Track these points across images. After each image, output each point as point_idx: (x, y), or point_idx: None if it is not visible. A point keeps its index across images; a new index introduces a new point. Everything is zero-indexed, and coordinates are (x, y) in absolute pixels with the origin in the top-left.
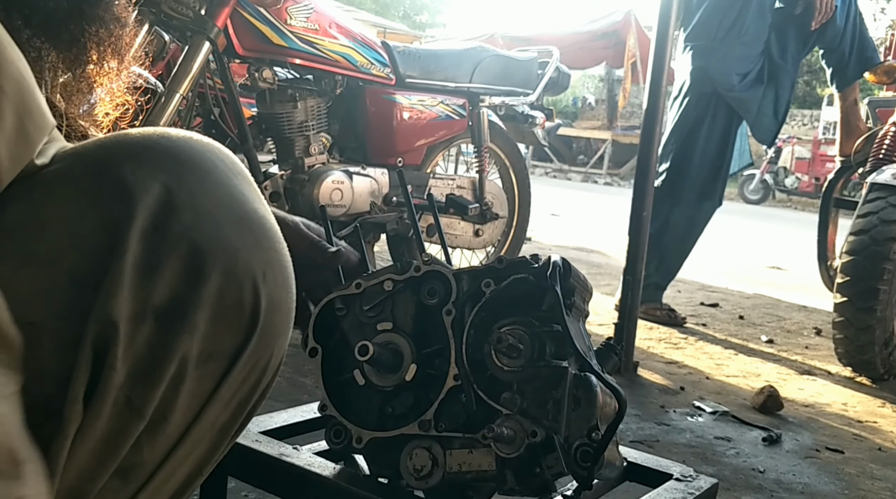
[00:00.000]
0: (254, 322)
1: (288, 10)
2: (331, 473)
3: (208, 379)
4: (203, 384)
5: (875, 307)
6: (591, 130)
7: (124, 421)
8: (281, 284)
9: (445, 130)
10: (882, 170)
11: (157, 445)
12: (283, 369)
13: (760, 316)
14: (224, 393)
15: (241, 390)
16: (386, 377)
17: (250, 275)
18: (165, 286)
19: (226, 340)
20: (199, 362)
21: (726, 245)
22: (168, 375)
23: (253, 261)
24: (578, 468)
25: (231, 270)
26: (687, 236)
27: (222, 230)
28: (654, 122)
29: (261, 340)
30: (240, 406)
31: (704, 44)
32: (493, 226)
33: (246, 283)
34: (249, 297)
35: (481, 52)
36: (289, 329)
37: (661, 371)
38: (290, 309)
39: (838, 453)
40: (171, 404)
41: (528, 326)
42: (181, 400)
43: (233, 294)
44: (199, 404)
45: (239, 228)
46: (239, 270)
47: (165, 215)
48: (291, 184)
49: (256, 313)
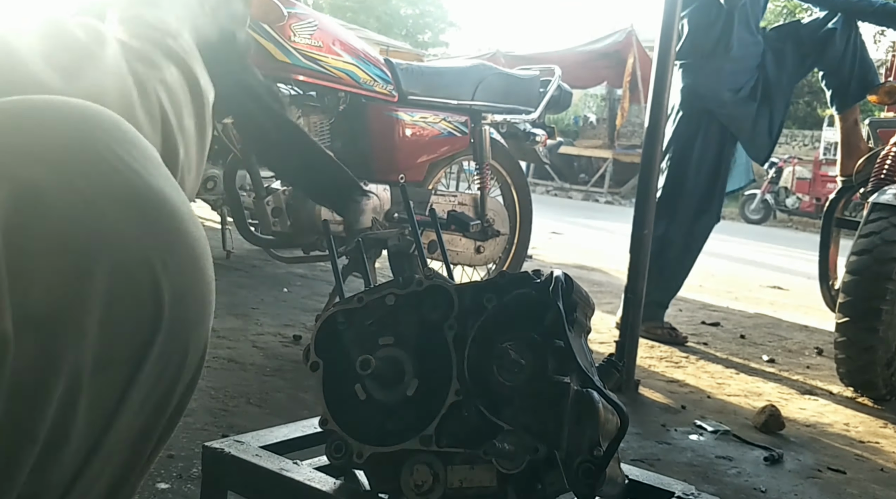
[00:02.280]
0: (157, 319)
1: (292, 27)
2: (331, 488)
3: (110, 388)
4: (105, 395)
5: (877, 327)
6: (593, 149)
7: (15, 447)
8: (188, 270)
9: (447, 146)
10: (884, 190)
11: (62, 466)
12: (283, 385)
13: (762, 335)
14: (133, 400)
15: (154, 392)
16: (387, 392)
17: (146, 265)
18: (42, 291)
19: (124, 342)
20: (96, 371)
21: (727, 265)
22: (57, 391)
23: (149, 250)
24: (580, 485)
25: (121, 264)
26: (686, 253)
27: (106, 217)
28: (656, 142)
29: (169, 337)
30: (157, 410)
31: (692, 61)
32: (494, 243)
33: (141, 275)
34: (147, 291)
35: (483, 70)
36: (205, 317)
37: (663, 390)
38: (202, 296)
39: (840, 473)
40: (69, 422)
41: (529, 341)
42: (80, 416)
43: (126, 292)
44: (105, 416)
45: (127, 210)
46: (130, 262)
47: (31, 207)
48: (293, 200)
49: (159, 308)
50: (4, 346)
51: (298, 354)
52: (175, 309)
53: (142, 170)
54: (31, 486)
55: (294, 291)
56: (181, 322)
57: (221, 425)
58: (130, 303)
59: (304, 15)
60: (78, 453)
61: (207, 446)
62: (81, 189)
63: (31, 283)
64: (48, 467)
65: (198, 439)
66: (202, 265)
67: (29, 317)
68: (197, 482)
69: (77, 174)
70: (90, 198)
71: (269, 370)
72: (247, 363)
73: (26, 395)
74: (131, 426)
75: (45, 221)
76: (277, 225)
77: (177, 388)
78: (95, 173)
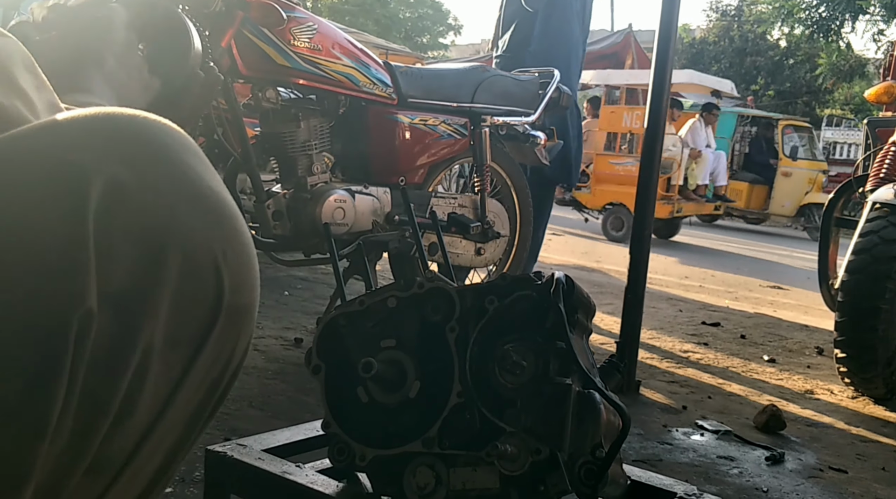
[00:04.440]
0: (218, 304)
1: (292, 30)
2: (333, 491)
3: (175, 366)
4: (170, 372)
5: (877, 326)
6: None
7: (91, 417)
8: (244, 263)
9: (447, 149)
10: (883, 189)
11: (126, 437)
12: (285, 388)
13: (762, 335)
14: (193, 379)
15: (209, 374)
16: (389, 394)
17: (211, 256)
18: (123, 273)
19: (191, 324)
20: (165, 350)
21: (727, 265)
22: (132, 365)
23: (212, 241)
24: (582, 486)
25: (190, 251)
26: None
27: (177, 211)
28: (655, 142)
29: (227, 322)
30: (210, 391)
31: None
32: (494, 245)
33: (207, 264)
34: (212, 278)
35: (483, 73)
36: (254, 307)
37: (664, 390)
38: (254, 290)
39: (842, 472)
40: (138, 395)
41: (531, 343)
42: (147, 390)
43: (194, 277)
44: (168, 393)
45: (195, 207)
46: (198, 252)
47: (117, 200)
48: (294, 203)
49: (220, 295)
50: (89, 320)
51: (300, 358)
52: (233, 296)
53: (203, 174)
54: (99, 454)
55: (295, 295)
56: (237, 308)
57: (223, 429)
58: (197, 288)
59: (303, 19)
60: (140, 426)
61: (210, 449)
62: (157, 187)
63: (115, 264)
64: (116, 436)
65: (200, 443)
66: (253, 260)
67: (111, 295)
68: (200, 486)
69: (154, 175)
70: (164, 195)
71: (270, 373)
72: (248, 367)
73: (105, 368)
74: (188, 404)
75: (127, 211)
76: (278, 228)
77: (228, 371)
78: (168, 174)
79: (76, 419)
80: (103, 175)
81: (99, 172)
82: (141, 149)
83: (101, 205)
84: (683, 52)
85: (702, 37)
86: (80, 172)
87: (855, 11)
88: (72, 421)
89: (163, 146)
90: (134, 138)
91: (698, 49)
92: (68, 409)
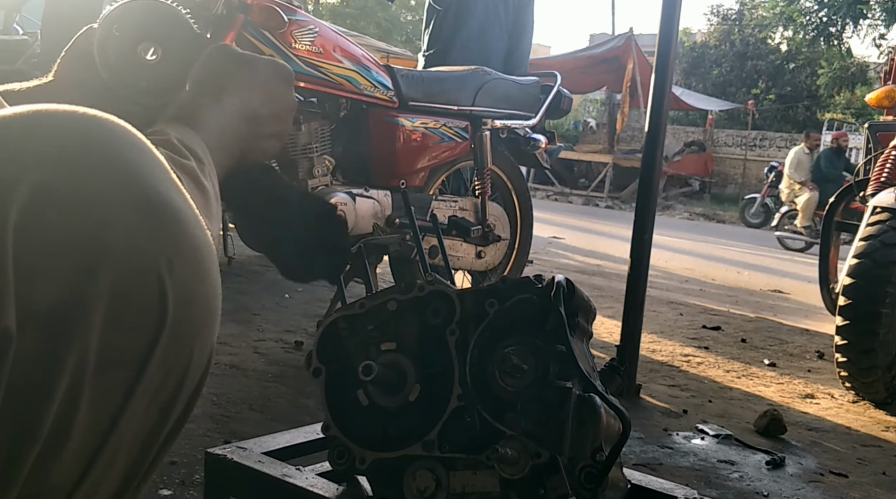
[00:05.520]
0: (161, 320)
1: (293, 33)
2: (333, 494)
3: (114, 388)
4: (109, 394)
5: (877, 330)
6: (593, 154)
7: (16, 443)
8: (193, 273)
9: (448, 152)
10: (883, 193)
11: (67, 464)
12: (285, 391)
13: (763, 339)
14: (138, 401)
15: (159, 395)
16: (389, 397)
17: (152, 266)
18: (49, 289)
19: (129, 343)
20: (99, 370)
21: (728, 268)
22: (62, 387)
23: (154, 250)
24: (583, 490)
25: (126, 263)
26: None
27: (113, 218)
28: (656, 146)
29: (174, 340)
30: (162, 413)
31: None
32: (495, 248)
33: (147, 275)
34: (153, 291)
35: (484, 76)
36: (211, 321)
37: (664, 394)
38: (209, 301)
39: (843, 477)
40: (72, 419)
41: (531, 346)
42: (83, 414)
43: (131, 291)
44: (110, 416)
45: (135, 214)
46: (136, 263)
47: (43, 209)
48: None
49: (164, 309)
50: (7, 341)
51: (300, 360)
52: (180, 312)
53: (149, 175)
54: (33, 486)
55: (296, 297)
56: (186, 325)
57: (223, 432)
58: (135, 303)
59: (304, 22)
60: (81, 453)
61: (210, 452)
62: (89, 191)
63: (37, 279)
64: (50, 466)
65: (200, 446)
66: (208, 270)
67: (33, 313)
68: (199, 489)
69: (86, 177)
70: (97, 200)
71: (270, 376)
72: (248, 369)
73: (28, 390)
74: (136, 429)
75: (53, 220)
76: None
77: (182, 392)
78: (103, 177)
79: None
80: (29, 181)
81: (23, 179)
82: (75, 149)
83: (24, 217)
84: (684, 56)
85: (703, 41)
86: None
87: (855, 16)
88: None
89: (101, 145)
90: (68, 138)
91: (699, 53)
92: None
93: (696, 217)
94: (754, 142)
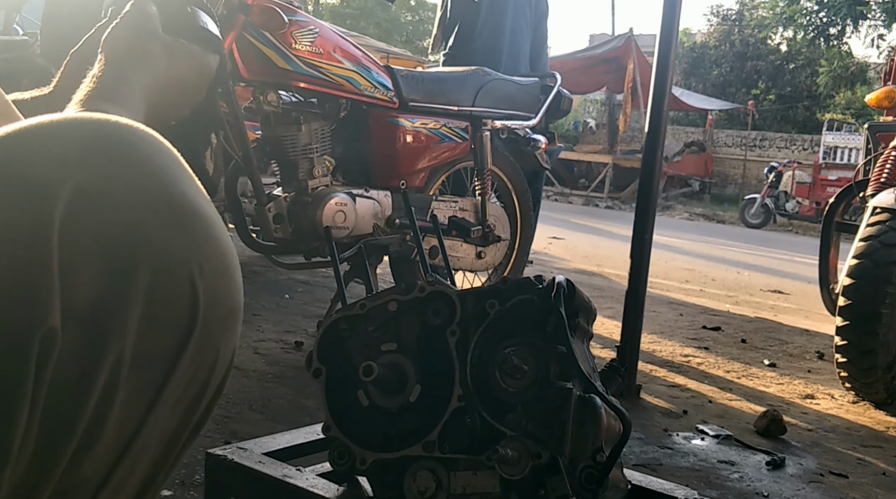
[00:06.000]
0: (193, 320)
1: (293, 34)
2: (334, 495)
3: (146, 385)
4: (142, 391)
5: (877, 331)
6: (593, 154)
7: (55, 438)
8: (221, 276)
9: (448, 152)
10: (883, 194)
11: (98, 459)
12: (286, 391)
13: (763, 340)
14: (168, 398)
15: (186, 393)
16: (390, 398)
17: (184, 268)
18: (89, 289)
19: (162, 341)
20: (134, 368)
21: (728, 269)
22: (99, 384)
23: (186, 252)
24: (583, 490)
25: (161, 264)
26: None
27: (148, 221)
28: (657, 147)
29: (203, 339)
30: (188, 411)
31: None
32: (495, 248)
33: (180, 277)
34: (185, 292)
35: (484, 77)
36: (235, 322)
37: (664, 395)
38: (234, 302)
39: (842, 477)
40: (106, 416)
41: (532, 347)
42: (117, 410)
43: (165, 291)
44: (141, 413)
45: (168, 217)
46: (170, 264)
47: (84, 212)
48: (295, 206)
49: (195, 310)
50: (52, 340)
51: (300, 361)
52: (209, 311)
53: (178, 180)
54: (66, 480)
55: (296, 298)
56: (214, 324)
57: (224, 432)
58: (169, 302)
59: (305, 22)
60: (112, 448)
61: (210, 452)
62: (125, 194)
63: (81, 280)
64: (83, 461)
65: (200, 446)
66: (233, 272)
67: (76, 311)
68: (200, 489)
69: (122, 181)
70: (133, 203)
71: (271, 377)
72: (249, 370)
73: (69, 387)
74: (164, 425)
75: (94, 222)
76: (279, 231)
77: (207, 390)
78: (140, 182)
79: (39, 441)
80: (69, 186)
81: (64, 184)
82: (109, 154)
83: (66, 219)
84: (684, 56)
85: (702, 41)
86: (45, 185)
87: (855, 16)
88: (34, 443)
89: (133, 152)
90: (103, 144)
91: (699, 53)
92: (30, 431)
93: (695, 217)
94: (754, 142)
